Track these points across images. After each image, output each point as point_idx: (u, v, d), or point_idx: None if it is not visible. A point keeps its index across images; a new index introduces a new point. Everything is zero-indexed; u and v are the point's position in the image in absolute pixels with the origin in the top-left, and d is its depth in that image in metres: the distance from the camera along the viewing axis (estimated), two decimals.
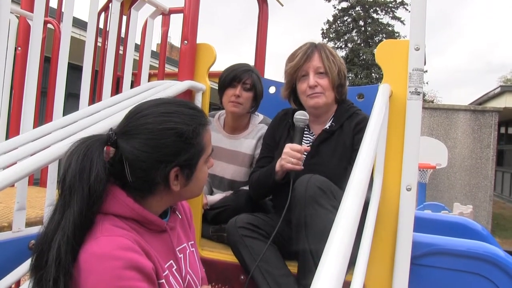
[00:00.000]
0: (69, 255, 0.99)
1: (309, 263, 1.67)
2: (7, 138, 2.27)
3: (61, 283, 0.97)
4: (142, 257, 1.04)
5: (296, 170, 1.85)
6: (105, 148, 1.13)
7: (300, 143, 1.89)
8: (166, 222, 1.21)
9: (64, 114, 1.93)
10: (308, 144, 2.04)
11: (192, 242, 1.36)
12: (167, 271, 1.15)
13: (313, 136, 2.08)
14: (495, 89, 13.35)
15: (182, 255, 1.26)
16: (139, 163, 1.11)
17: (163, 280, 1.12)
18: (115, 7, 2.23)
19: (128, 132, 1.13)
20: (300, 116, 1.93)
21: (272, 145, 2.13)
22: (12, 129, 2.44)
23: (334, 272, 0.68)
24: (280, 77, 2.21)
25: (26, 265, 1.41)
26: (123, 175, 1.13)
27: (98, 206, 1.05)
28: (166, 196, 1.18)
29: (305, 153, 2.00)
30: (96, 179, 1.04)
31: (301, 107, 2.09)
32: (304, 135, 2.06)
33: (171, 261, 1.20)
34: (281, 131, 2.13)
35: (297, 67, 2.01)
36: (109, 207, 1.09)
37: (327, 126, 2.03)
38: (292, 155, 1.84)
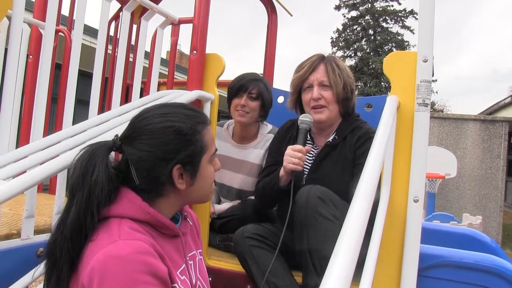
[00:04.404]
0: (65, 256, 1.04)
1: (311, 272, 1.67)
2: (17, 144, 2.29)
3: (52, 278, 1.05)
4: (159, 261, 1.06)
5: (298, 170, 1.84)
6: (112, 154, 1.18)
7: (303, 145, 1.89)
8: (179, 227, 1.23)
9: (73, 120, 1.95)
10: (311, 159, 2.04)
11: (200, 250, 1.38)
12: (178, 276, 1.17)
13: (316, 149, 2.08)
14: (505, 98, 13.28)
15: (192, 262, 1.28)
16: (142, 163, 1.14)
17: (176, 285, 1.13)
18: (126, 17, 2.25)
19: (131, 135, 1.18)
20: (305, 118, 1.95)
21: (277, 153, 2.13)
22: (23, 135, 2.46)
23: (342, 274, 0.68)
24: (289, 86, 2.22)
25: (34, 273, 1.41)
26: (132, 180, 1.16)
27: (97, 209, 1.08)
28: (175, 197, 1.20)
29: (308, 165, 2.01)
30: (96, 182, 1.08)
31: None
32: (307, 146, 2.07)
33: (183, 266, 1.21)
34: (287, 141, 2.13)
35: (302, 79, 2.04)
36: (126, 211, 1.12)
37: (330, 139, 2.03)
38: (293, 155, 1.84)
